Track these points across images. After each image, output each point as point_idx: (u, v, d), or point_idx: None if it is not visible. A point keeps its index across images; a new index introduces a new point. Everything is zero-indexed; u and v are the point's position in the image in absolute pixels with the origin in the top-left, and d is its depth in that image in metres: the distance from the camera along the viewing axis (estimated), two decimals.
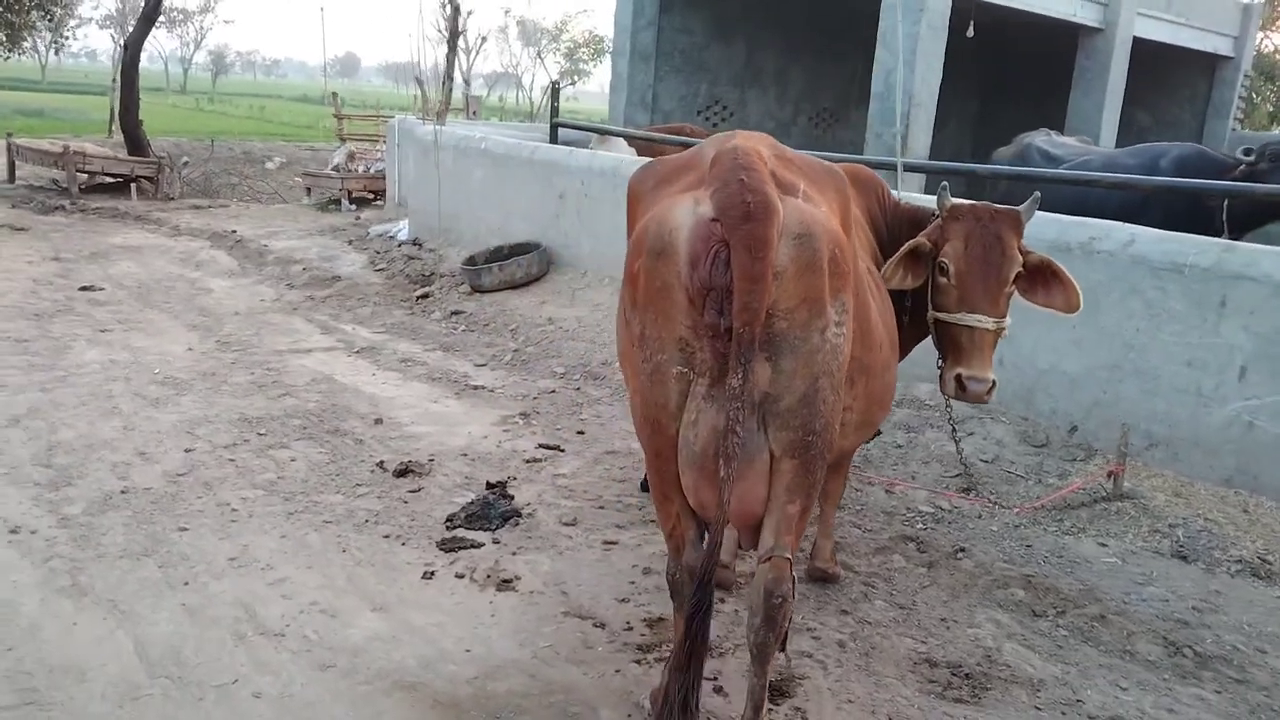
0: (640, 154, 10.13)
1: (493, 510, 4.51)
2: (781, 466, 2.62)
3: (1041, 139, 8.99)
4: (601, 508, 4.73)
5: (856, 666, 3.53)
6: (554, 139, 10.66)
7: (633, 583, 4.02)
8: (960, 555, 4.39)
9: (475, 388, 6.48)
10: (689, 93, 14.65)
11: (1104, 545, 4.59)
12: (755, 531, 2.77)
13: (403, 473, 4.93)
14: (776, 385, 2.56)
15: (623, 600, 3.87)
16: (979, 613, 3.97)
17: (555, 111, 11.08)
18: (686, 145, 12.14)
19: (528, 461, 5.25)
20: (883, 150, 12.91)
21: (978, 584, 4.18)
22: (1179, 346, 5.09)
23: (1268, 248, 5.05)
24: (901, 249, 3.58)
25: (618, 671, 3.39)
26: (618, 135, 10.78)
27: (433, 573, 3.98)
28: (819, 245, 2.53)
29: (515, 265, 8.58)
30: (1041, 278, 3.61)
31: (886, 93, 10.35)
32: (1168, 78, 15.00)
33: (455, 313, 8.31)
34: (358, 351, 7.22)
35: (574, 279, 8.62)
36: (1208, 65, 15.08)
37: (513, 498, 4.70)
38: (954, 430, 4.58)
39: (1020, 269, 3.52)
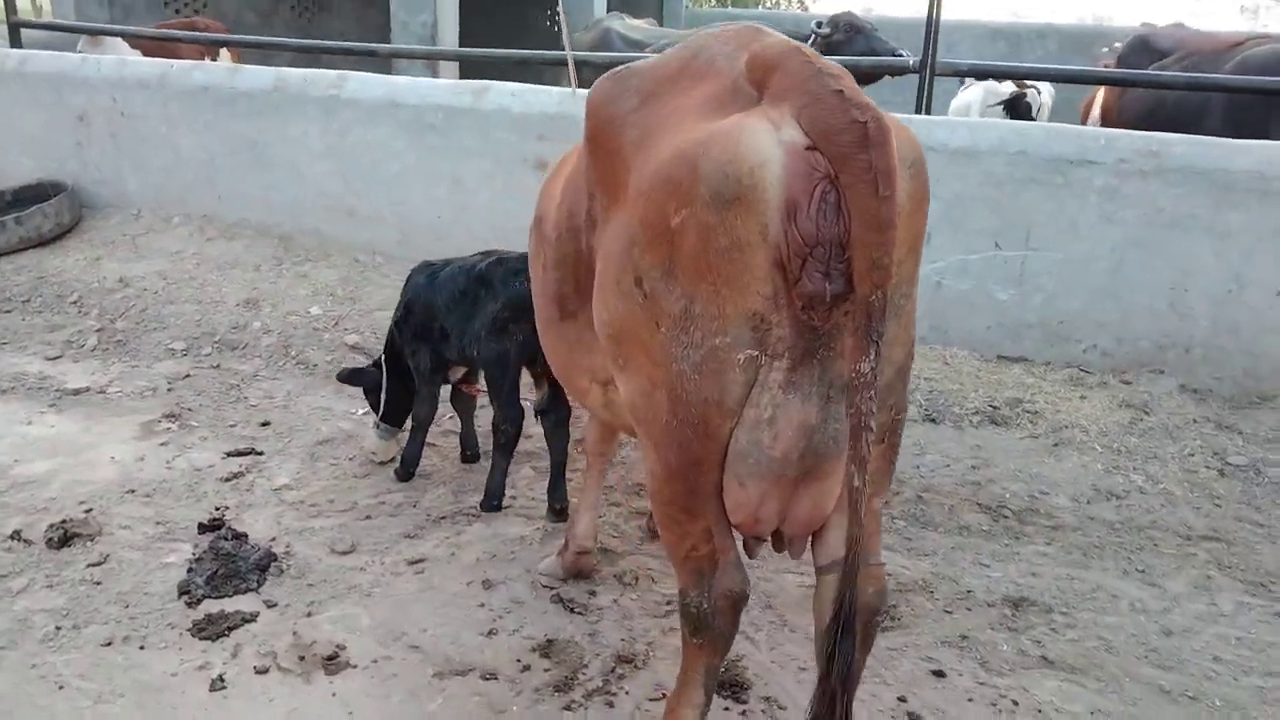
0: (148, 55, 8.24)
1: (238, 561, 3.33)
2: (871, 454, 1.93)
3: (618, 23, 8.84)
4: (369, 518, 3.75)
5: (773, 624, 3.20)
6: (16, 42, 8.23)
7: (483, 605, 3.23)
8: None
9: (75, 392, 4.79)
10: None
11: None
12: (805, 539, 2.22)
13: (64, 541, 3.45)
14: (874, 370, 1.89)
15: (490, 633, 3.08)
16: None
17: (12, 8, 8.49)
18: (206, 44, 10.25)
19: (226, 480, 3.99)
20: (411, 39, 12.01)
21: None
22: None
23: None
24: None
25: None
26: (116, 35, 8.58)
27: (221, 676, 2.81)
28: (926, 175, 1.98)
29: (40, 215, 6.48)
30: None
31: None
32: None
33: None
34: None
35: (126, 224, 6.78)
36: None
37: (246, 535, 3.52)
38: None
39: None
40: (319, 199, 6.47)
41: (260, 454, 4.22)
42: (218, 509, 3.74)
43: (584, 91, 3.91)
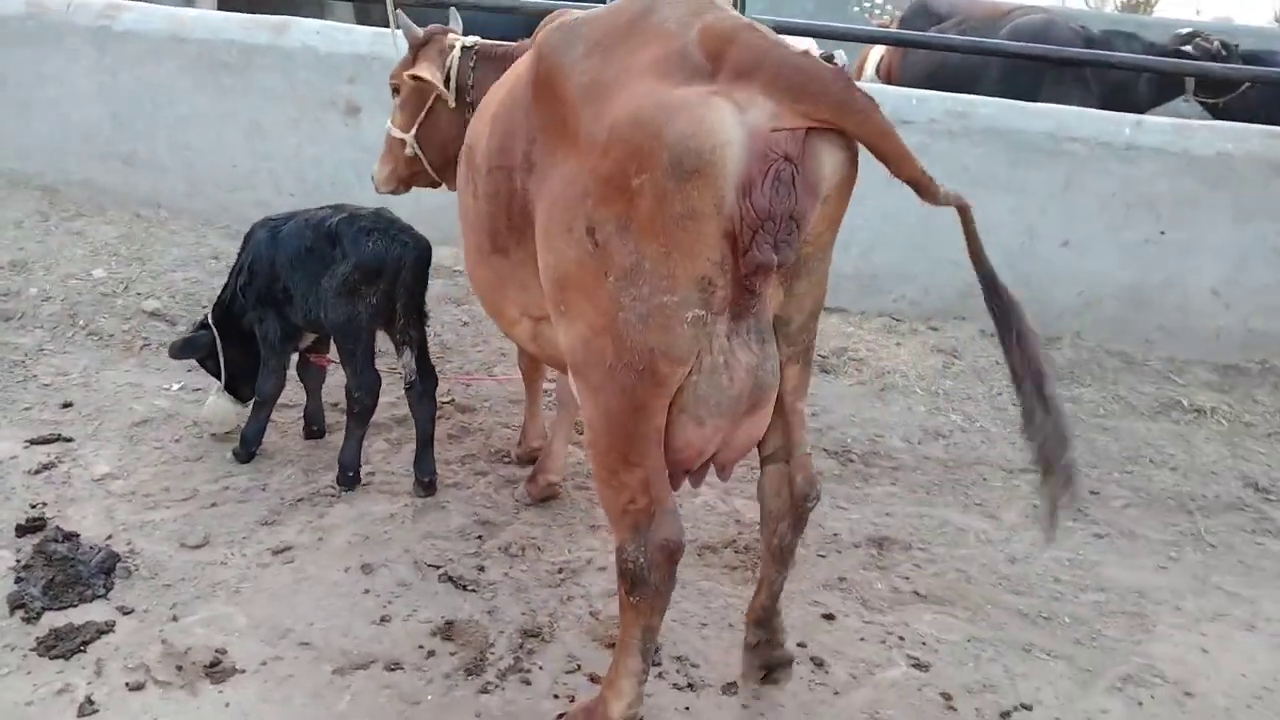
0: None
1: (77, 565, 2.94)
2: (788, 371, 2.36)
3: None
4: (215, 505, 3.42)
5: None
6: None
7: (368, 590, 3.04)
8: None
9: None
10: None
11: None
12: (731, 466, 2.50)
13: None
14: (796, 307, 2.29)
15: (383, 620, 2.91)
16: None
17: None
18: None
19: (34, 473, 3.50)
20: None
21: None
22: None
23: None
24: None
25: (479, 716, 2.59)
26: None
27: (90, 699, 2.49)
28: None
29: None
30: None
31: None
32: None
33: None
34: None
35: None
36: None
37: (77, 535, 3.12)
38: None
39: (393, 83, 3.76)
40: (88, 145, 5.74)
41: (69, 440, 3.73)
42: (33, 506, 3.29)
43: (400, 32, 3.80)
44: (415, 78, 3.56)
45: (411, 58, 3.67)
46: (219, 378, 3.73)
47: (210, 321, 3.67)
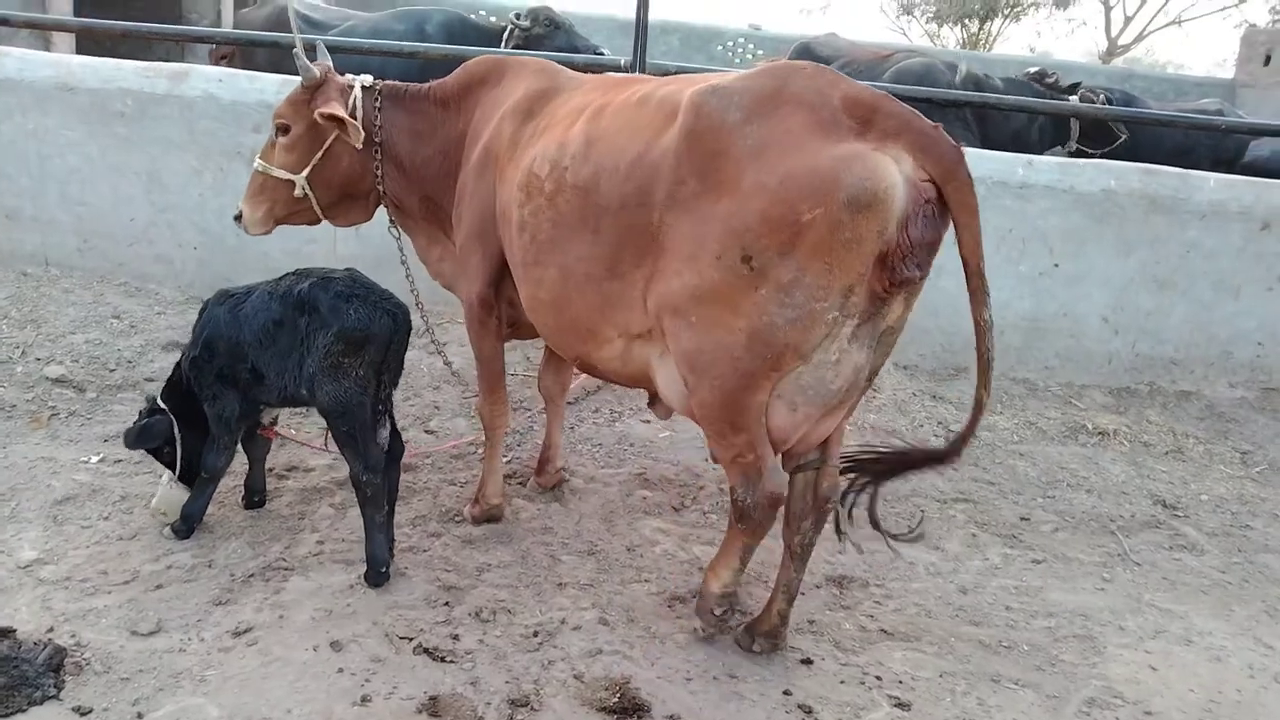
0: None
1: (21, 665, 2.71)
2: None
3: (296, 1, 8.12)
4: (161, 587, 3.22)
5: (643, 638, 3.22)
6: None
7: (341, 669, 2.91)
8: (568, 473, 4.21)
9: None
10: None
11: (648, 422, 4.84)
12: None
13: None
14: (901, 320, 2.76)
15: (364, 700, 2.79)
16: (641, 523, 3.91)
17: None
18: None
19: None
20: (15, 4, 10.23)
21: (625, 501, 4.08)
22: None
23: None
24: None
25: None
26: None
27: None
28: None
29: None
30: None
31: None
32: None
33: None
34: None
35: None
36: None
37: (13, 630, 2.88)
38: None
39: (282, 123, 3.63)
40: None
41: None
42: None
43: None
44: (330, 118, 3.46)
45: (308, 97, 3.58)
46: (173, 468, 3.48)
47: (163, 405, 3.45)
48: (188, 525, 3.49)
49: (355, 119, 3.53)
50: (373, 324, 3.13)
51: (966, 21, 25.21)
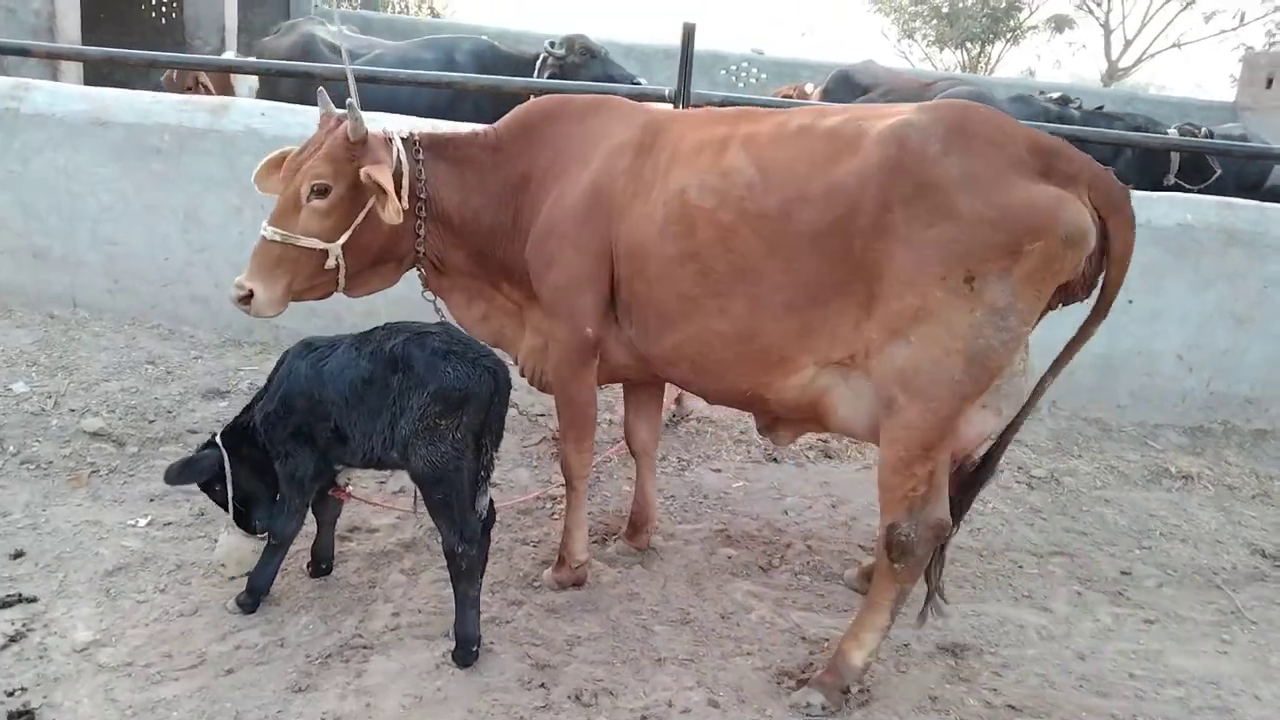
0: None
1: None
2: None
3: (321, 30, 7.91)
4: (231, 671, 2.95)
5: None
6: None
7: None
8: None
9: None
10: None
11: (718, 471, 4.60)
12: None
13: None
14: None
15: None
16: (730, 586, 3.66)
17: None
18: None
19: (1, 647, 2.95)
20: (24, 32, 10.02)
21: (710, 561, 3.83)
22: None
23: None
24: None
25: None
26: None
27: None
28: None
29: None
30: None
31: None
32: None
33: None
34: None
35: None
36: None
37: None
38: None
39: (320, 183, 3.11)
40: None
41: (33, 601, 3.18)
42: (11, 694, 2.75)
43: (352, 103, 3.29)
44: (378, 182, 3.05)
45: (352, 153, 3.13)
46: (225, 506, 3.21)
47: (219, 441, 3.19)
48: (254, 597, 3.23)
49: (401, 179, 3.21)
50: (472, 383, 2.88)
51: (968, 45, 25.23)
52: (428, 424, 2.87)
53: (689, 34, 5.86)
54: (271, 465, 3.17)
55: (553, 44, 7.46)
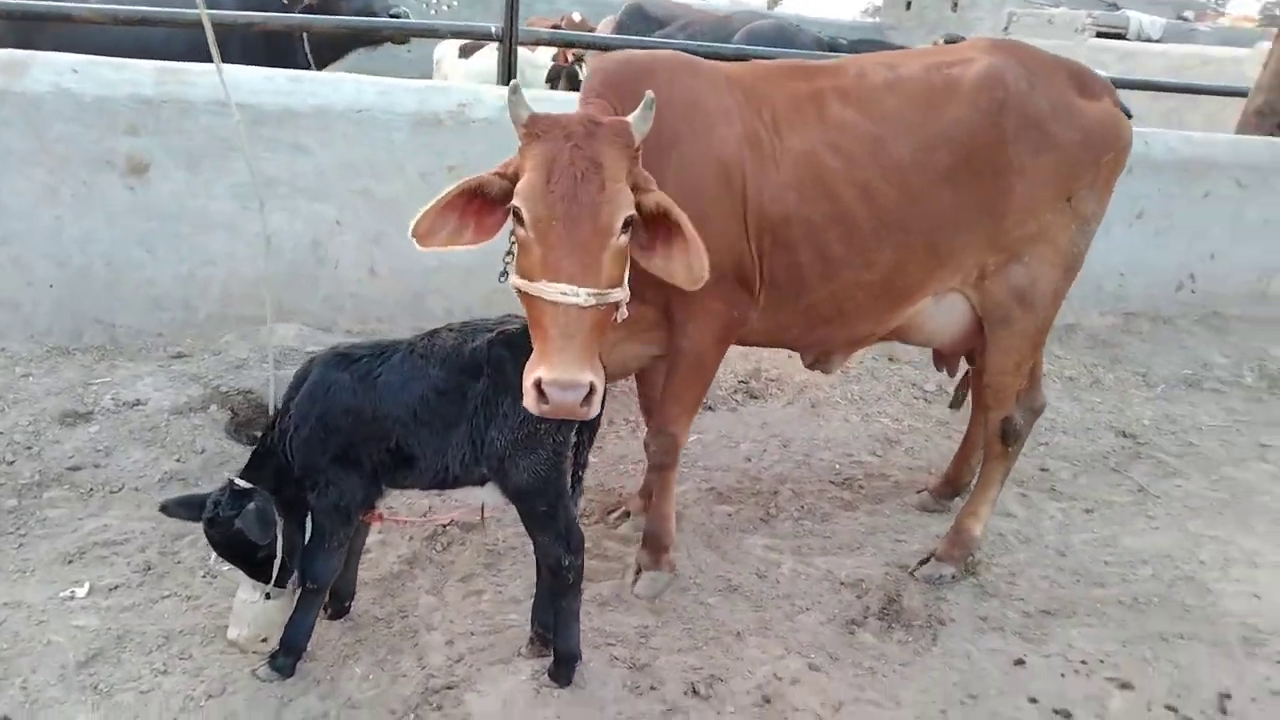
0: None
1: None
2: None
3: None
4: None
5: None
6: None
7: None
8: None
9: None
10: None
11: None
12: None
13: None
14: None
15: None
16: (747, 543, 3.65)
17: None
18: None
19: None
20: None
21: (713, 521, 3.77)
22: None
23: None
24: (449, 191, 2.41)
25: None
26: None
27: None
28: None
29: None
30: (663, 228, 2.48)
31: None
32: None
33: None
34: None
35: None
36: None
37: None
38: None
39: (633, 214, 2.37)
40: None
41: None
42: None
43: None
44: (676, 219, 2.43)
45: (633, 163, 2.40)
46: (268, 567, 2.62)
47: (244, 485, 2.59)
48: (292, 657, 2.74)
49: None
50: None
51: None
52: (528, 431, 2.55)
53: None
54: (297, 502, 2.69)
55: None
